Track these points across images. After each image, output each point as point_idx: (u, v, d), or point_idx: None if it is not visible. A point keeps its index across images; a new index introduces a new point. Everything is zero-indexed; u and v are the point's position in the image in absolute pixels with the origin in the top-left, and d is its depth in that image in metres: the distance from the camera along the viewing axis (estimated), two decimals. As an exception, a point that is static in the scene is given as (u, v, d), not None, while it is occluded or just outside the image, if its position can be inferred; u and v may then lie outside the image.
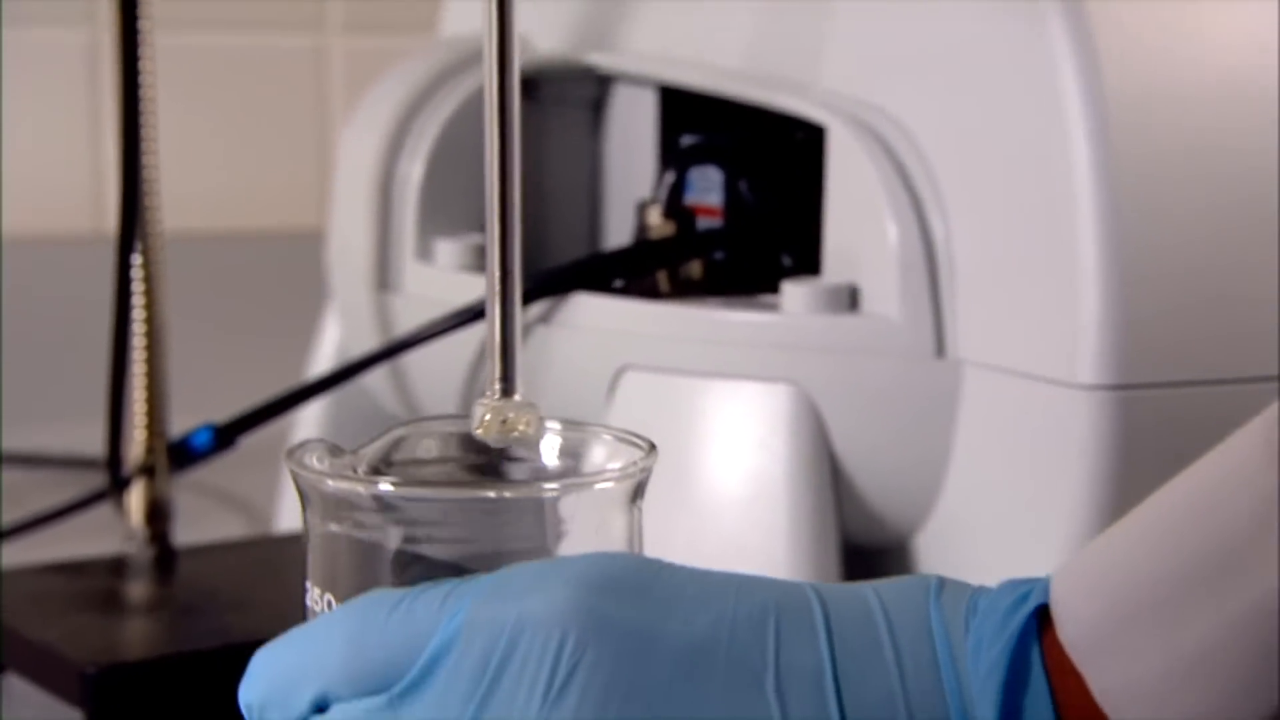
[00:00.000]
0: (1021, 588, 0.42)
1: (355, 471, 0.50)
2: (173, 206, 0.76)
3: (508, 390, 0.49)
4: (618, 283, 0.71)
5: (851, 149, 0.64)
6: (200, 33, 1.05)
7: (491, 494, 0.48)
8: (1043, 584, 0.41)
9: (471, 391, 0.71)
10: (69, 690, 0.59)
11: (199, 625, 0.64)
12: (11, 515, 0.84)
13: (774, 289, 0.69)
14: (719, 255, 0.73)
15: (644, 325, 0.67)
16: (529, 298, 0.62)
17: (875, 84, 0.66)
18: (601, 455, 0.51)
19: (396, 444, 0.54)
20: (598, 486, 0.48)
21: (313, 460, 0.48)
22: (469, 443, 0.51)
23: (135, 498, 0.70)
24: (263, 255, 1.09)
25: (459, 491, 0.49)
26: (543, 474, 0.52)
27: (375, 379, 0.77)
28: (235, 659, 0.45)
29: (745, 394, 0.65)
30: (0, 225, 1.03)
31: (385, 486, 0.47)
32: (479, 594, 0.42)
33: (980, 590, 0.43)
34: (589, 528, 0.48)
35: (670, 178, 0.72)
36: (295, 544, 0.52)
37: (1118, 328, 0.58)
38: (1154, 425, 0.60)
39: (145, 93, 0.70)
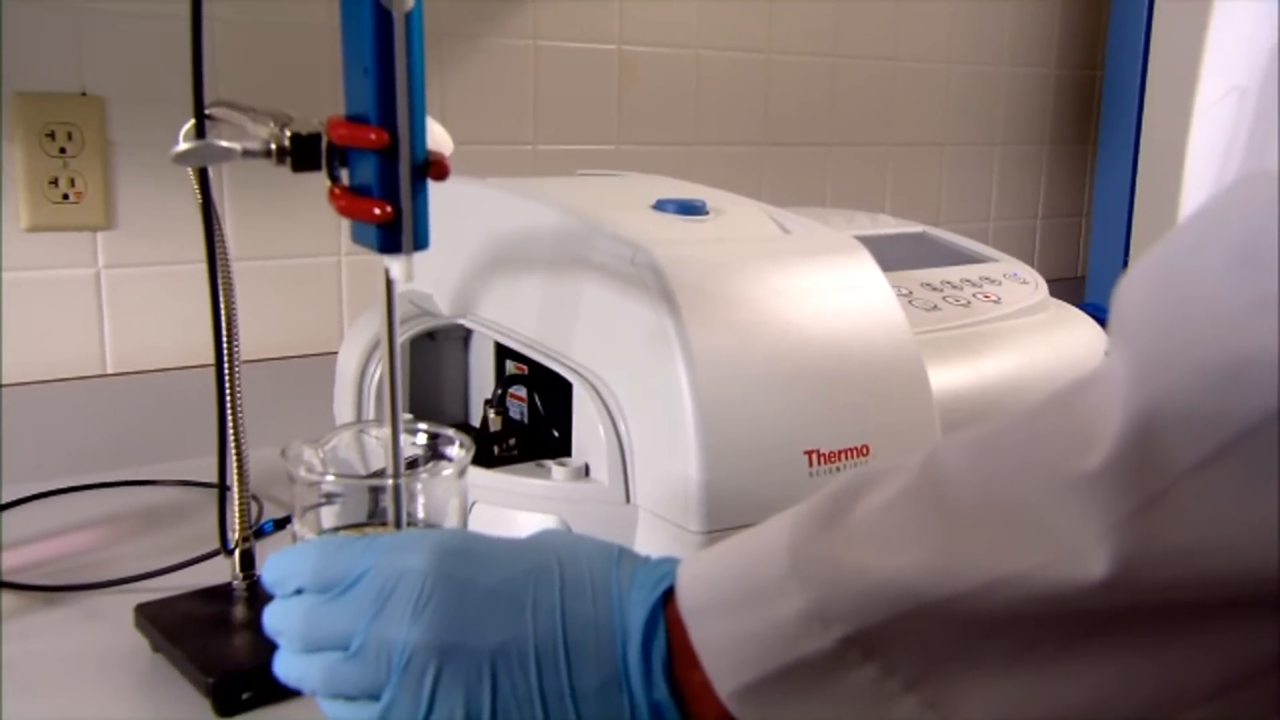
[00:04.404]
0: (664, 566, 0.43)
1: (320, 453, 0.52)
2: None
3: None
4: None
5: (584, 395, 0.66)
6: (269, 259, 1.05)
7: (375, 482, 0.50)
8: (674, 568, 0.43)
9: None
10: (203, 688, 0.59)
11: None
12: (174, 520, 0.85)
13: (554, 451, 0.71)
14: (525, 436, 0.74)
15: (485, 481, 0.67)
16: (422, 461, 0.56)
17: (596, 359, 0.67)
18: (453, 448, 0.53)
19: (350, 436, 0.54)
20: (443, 474, 0.51)
21: (297, 453, 0.51)
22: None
23: (235, 558, 0.68)
24: (305, 371, 1.03)
25: (361, 480, 0.51)
26: (414, 463, 0.53)
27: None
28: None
29: (536, 520, 0.65)
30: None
31: (327, 478, 0.50)
32: (383, 548, 0.43)
33: (641, 563, 0.44)
34: (440, 501, 0.51)
35: (499, 391, 0.74)
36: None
37: (709, 486, 0.59)
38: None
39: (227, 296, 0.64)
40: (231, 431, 0.66)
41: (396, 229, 0.44)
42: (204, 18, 0.51)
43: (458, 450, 0.52)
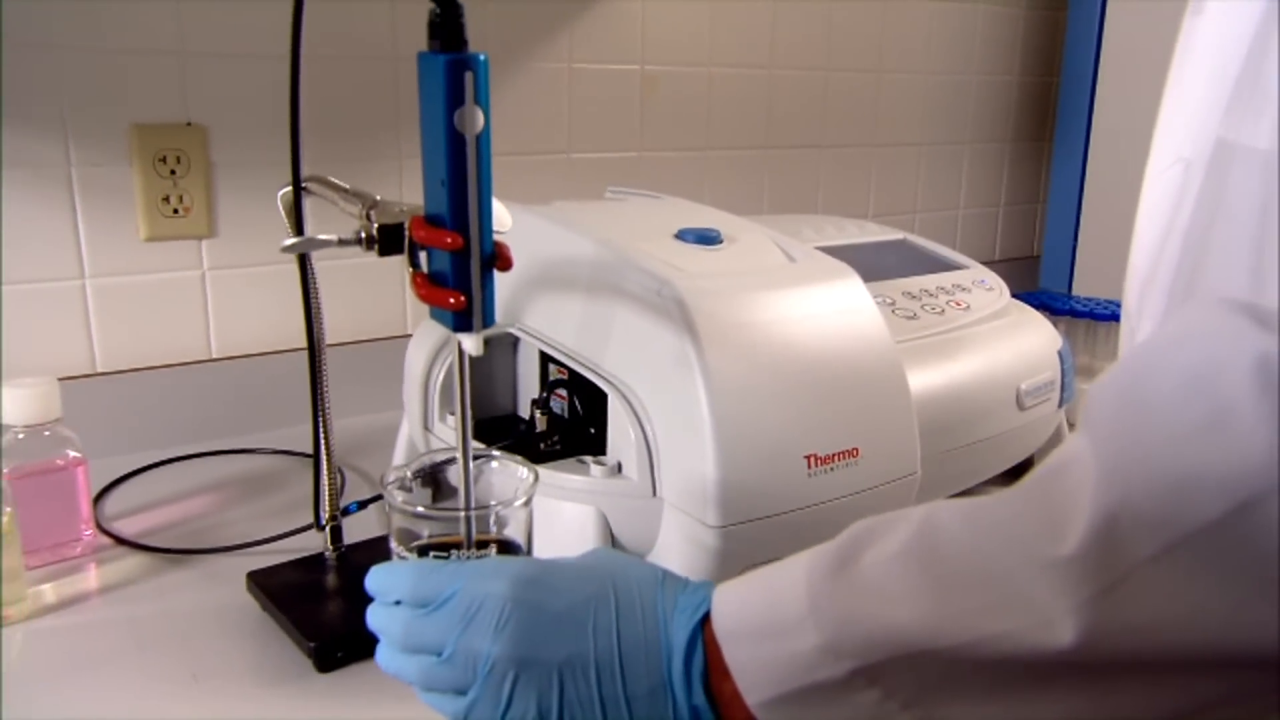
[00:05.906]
0: (701, 592, 0.43)
1: (408, 476, 0.51)
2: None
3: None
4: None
5: (616, 402, 0.65)
6: (342, 259, 1.08)
7: (460, 513, 0.49)
8: (710, 593, 0.42)
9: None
10: (306, 650, 0.60)
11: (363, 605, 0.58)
12: (272, 485, 0.85)
13: (592, 445, 0.69)
14: (568, 433, 0.73)
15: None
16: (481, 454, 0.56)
17: (628, 372, 0.65)
18: (522, 472, 0.52)
19: (425, 459, 0.54)
20: (514, 504, 0.50)
21: (389, 480, 0.50)
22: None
23: (326, 532, 0.69)
24: (375, 353, 1.04)
25: (446, 511, 0.50)
26: (487, 492, 0.52)
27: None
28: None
29: (577, 510, 0.65)
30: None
31: (419, 509, 0.50)
32: (468, 573, 0.43)
33: (681, 587, 0.43)
34: (510, 521, 0.51)
35: (544, 395, 0.73)
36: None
37: (723, 485, 0.59)
38: (743, 541, 0.60)
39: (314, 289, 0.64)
40: (321, 412, 0.67)
41: (468, 313, 0.44)
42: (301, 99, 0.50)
43: (526, 475, 0.52)
